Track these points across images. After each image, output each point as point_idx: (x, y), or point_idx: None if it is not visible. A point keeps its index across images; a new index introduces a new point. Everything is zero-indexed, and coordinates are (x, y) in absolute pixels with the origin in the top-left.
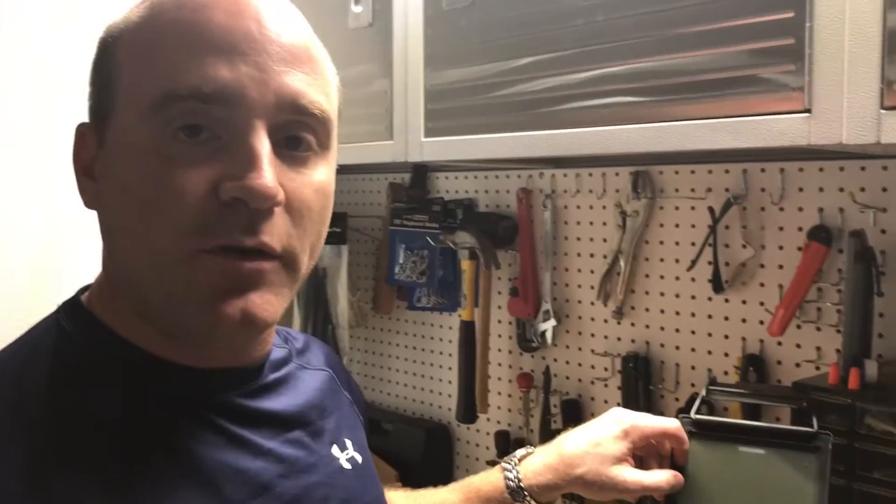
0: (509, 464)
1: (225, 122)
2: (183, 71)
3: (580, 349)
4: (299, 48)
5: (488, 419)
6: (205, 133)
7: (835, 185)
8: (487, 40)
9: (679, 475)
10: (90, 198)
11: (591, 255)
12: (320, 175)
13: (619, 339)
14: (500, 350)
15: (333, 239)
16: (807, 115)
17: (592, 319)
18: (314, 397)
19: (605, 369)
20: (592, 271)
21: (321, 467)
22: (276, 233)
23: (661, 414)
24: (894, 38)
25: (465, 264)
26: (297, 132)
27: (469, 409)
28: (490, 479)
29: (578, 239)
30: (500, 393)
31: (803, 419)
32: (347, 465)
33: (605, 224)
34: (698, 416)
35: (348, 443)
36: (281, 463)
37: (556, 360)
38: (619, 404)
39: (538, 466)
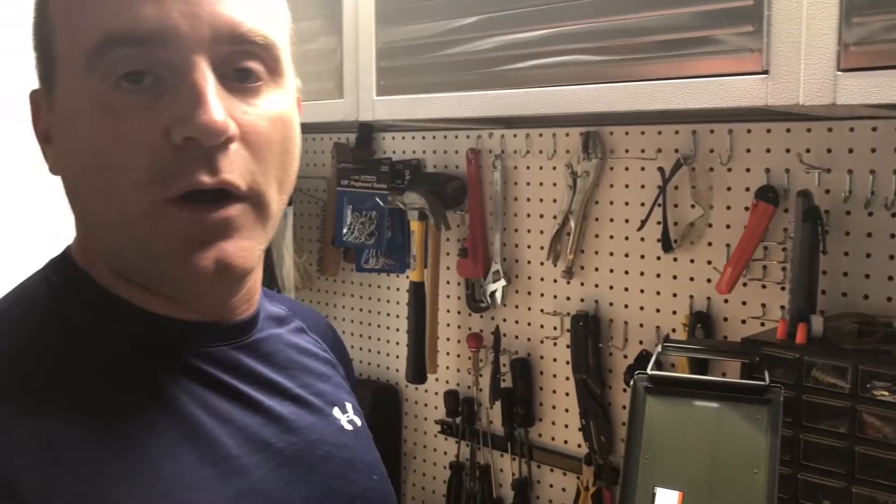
0: None
1: (165, 64)
2: (111, 17)
3: (529, 309)
4: None
5: (437, 379)
6: (148, 78)
7: (781, 146)
8: None
9: None
10: (52, 163)
11: (541, 216)
12: (275, 104)
13: (568, 298)
14: (448, 311)
15: None
16: (764, 76)
17: (542, 279)
18: (312, 359)
19: (555, 328)
20: (542, 232)
21: (322, 426)
22: (237, 169)
23: (610, 371)
24: (851, 1)
25: (415, 225)
26: (243, 63)
27: (419, 369)
28: None
29: (528, 199)
30: (448, 353)
31: (753, 374)
32: (349, 427)
33: (555, 184)
34: (655, 373)
35: (348, 406)
36: (281, 419)
37: (505, 319)
38: (568, 363)
39: None
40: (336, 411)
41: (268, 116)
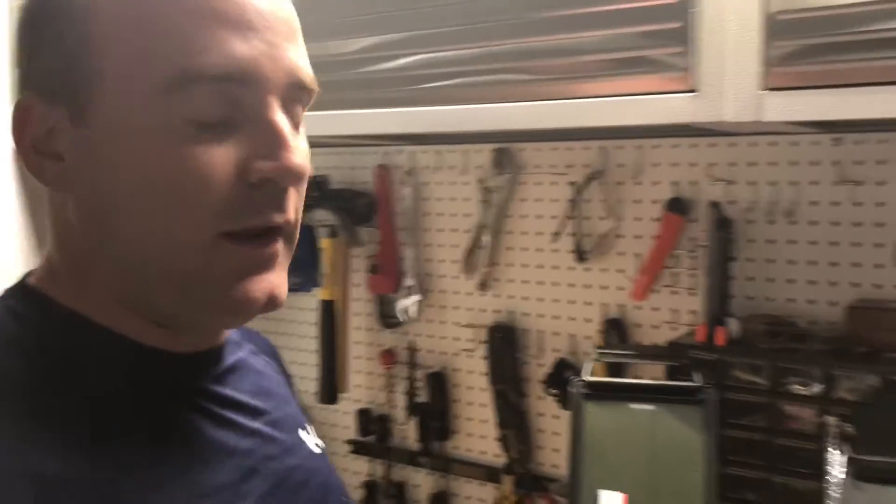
0: None
1: (243, 101)
2: (200, 48)
3: (443, 323)
4: (293, 22)
5: (347, 398)
6: (223, 113)
7: (687, 161)
8: (363, 13)
9: None
10: (55, 178)
11: (454, 231)
12: (306, 143)
13: (483, 310)
14: (359, 328)
15: None
16: (693, 94)
17: (456, 293)
18: (273, 382)
19: (470, 341)
20: (456, 246)
21: (297, 450)
22: (293, 208)
23: (527, 381)
24: (774, 24)
25: (326, 243)
26: (295, 107)
27: (330, 389)
28: None
29: (440, 214)
30: (359, 371)
31: (676, 376)
32: (317, 450)
33: (467, 200)
34: (591, 379)
35: (310, 428)
36: (264, 444)
37: (418, 334)
38: (483, 374)
39: None
40: (303, 434)
41: (307, 156)
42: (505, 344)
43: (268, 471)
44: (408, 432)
